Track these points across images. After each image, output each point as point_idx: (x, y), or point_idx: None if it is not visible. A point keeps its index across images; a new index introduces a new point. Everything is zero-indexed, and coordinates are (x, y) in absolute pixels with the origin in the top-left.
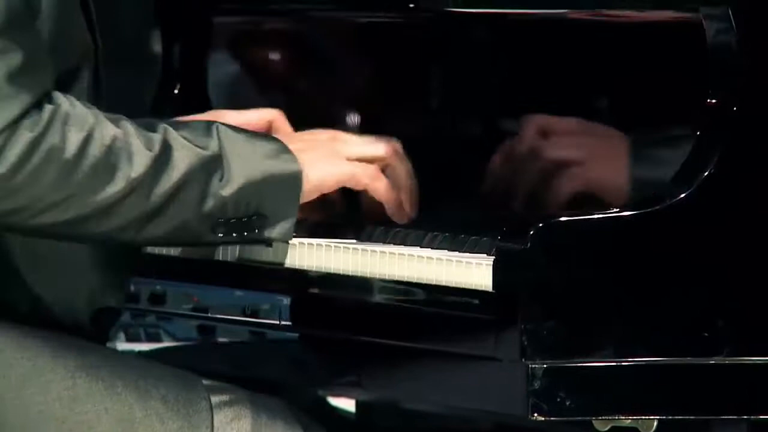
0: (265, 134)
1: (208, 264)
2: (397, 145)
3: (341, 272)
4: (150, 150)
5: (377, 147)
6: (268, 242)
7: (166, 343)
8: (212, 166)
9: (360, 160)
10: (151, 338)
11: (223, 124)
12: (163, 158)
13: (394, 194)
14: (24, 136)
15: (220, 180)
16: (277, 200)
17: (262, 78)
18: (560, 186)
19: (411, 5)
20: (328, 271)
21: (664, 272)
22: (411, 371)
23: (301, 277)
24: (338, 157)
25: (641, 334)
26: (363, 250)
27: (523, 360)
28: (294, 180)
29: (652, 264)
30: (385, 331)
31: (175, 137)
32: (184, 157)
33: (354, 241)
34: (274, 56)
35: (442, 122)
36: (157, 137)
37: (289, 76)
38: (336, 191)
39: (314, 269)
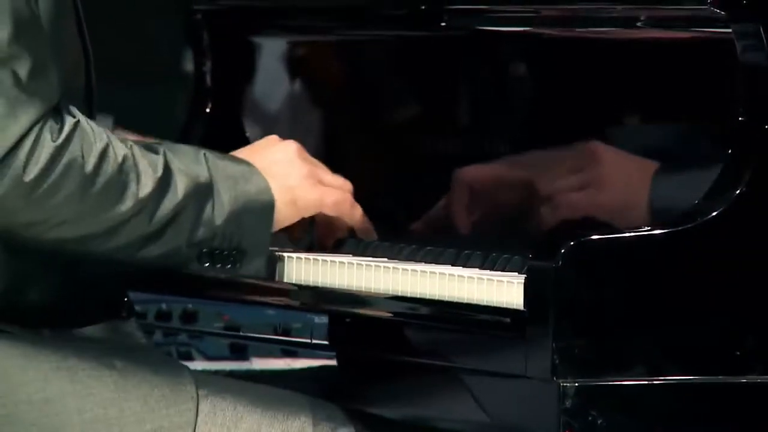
0: (239, 159)
1: (239, 283)
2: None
3: (372, 291)
4: (155, 172)
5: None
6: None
7: (198, 362)
8: (204, 194)
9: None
10: (182, 356)
11: (208, 151)
12: (165, 181)
13: (367, 223)
14: (48, 146)
15: (212, 209)
16: (254, 232)
17: (294, 96)
18: (591, 204)
19: (443, 24)
20: (360, 289)
21: (696, 290)
22: (441, 390)
23: (332, 295)
24: (317, 181)
25: (673, 353)
26: (394, 268)
27: (555, 378)
28: (269, 211)
29: (684, 282)
30: (416, 350)
31: (173, 161)
32: (182, 182)
33: (385, 259)
34: (306, 75)
35: (474, 140)
36: (159, 160)
37: (319, 94)
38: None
39: (345, 287)
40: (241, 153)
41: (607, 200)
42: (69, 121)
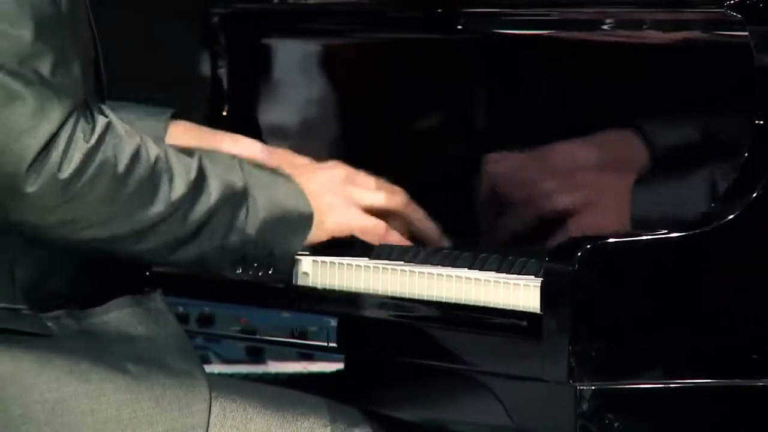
0: (280, 171)
1: (256, 286)
2: (406, 197)
3: (389, 293)
4: (188, 174)
5: (390, 198)
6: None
7: (215, 365)
8: (239, 200)
9: (373, 208)
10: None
11: (244, 159)
12: (198, 184)
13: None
14: (82, 146)
15: (246, 215)
16: (288, 241)
17: (309, 99)
18: (608, 207)
19: (459, 27)
20: (376, 292)
21: (712, 293)
22: (457, 392)
23: (349, 298)
24: (353, 206)
25: (689, 356)
26: (411, 271)
27: (571, 382)
28: (305, 222)
29: (700, 285)
30: (432, 352)
31: (209, 165)
32: (216, 186)
33: (402, 262)
34: (321, 78)
35: (490, 143)
36: (193, 163)
37: (335, 97)
38: None
39: (362, 290)
40: (289, 166)
41: (624, 203)
42: (101, 121)
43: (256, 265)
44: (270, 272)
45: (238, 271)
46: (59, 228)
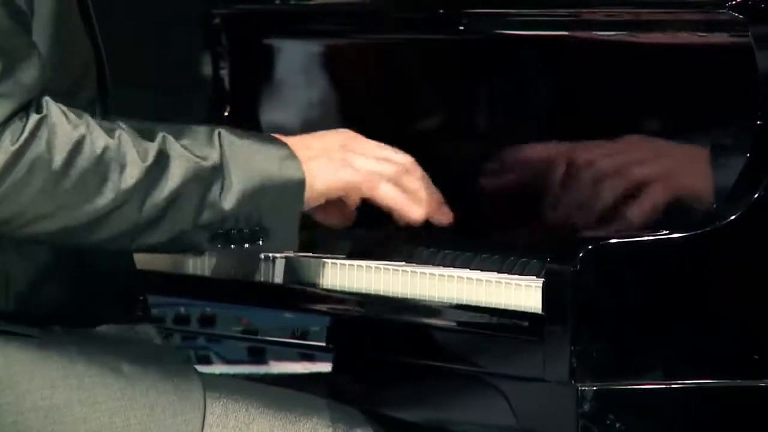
0: (273, 138)
1: (257, 286)
2: (410, 158)
3: (390, 294)
4: (144, 161)
5: (387, 163)
6: (272, 251)
7: (216, 365)
8: (210, 177)
9: (368, 169)
10: (201, 360)
11: (228, 130)
12: (157, 169)
13: (400, 200)
14: (6, 149)
15: (220, 191)
16: (277, 211)
17: (311, 100)
18: (610, 208)
19: (461, 27)
20: (377, 292)
21: (714, 293)
22: (458, 393)
23: (350, 298)
24: (347, 167)
25: (691, 356)
26: (412, 271)
27: (573, 382)
28: (295, 188)
29: (702, 285)
30: (434, 353)
31: (173, 146)
32: (180, 168)
33: (403, 263)
34: (323, 79)
35: (491, 143)
36: (152, 147)
37: (336, 98)
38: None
39: (363, 291)
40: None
41: (626, 204)
42: (33, 119)
43: (242, 238)
44: (261, 243)
45: (218, 246)
46: (5, 225)
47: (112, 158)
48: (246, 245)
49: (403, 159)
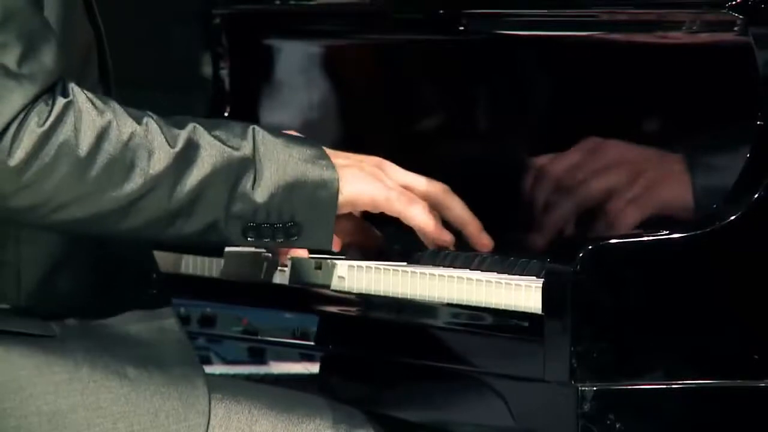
0: (307, 139)
1: (257, 286)
2: (445, 186)
3: (390, 294)
4: (172, 147)
5: (421, 182)
6: (307, 248)
7: (217, 366)
8: (242, 167)
9: (401, 187)
10: (201, 360)
11: (263, 128)
12: (186, 155)
13: (430, 223)
14: (33, 131)
15: (253, 183)
16: (311, 207)
17: (312, 101)
18: (610, 208)
19: (461, 28)
20: (378, 293)
21: (714, 294)
22: (459, 393)
23: (351, 299)
24: (378, 179)
25: (691, 357)
26: (412, 272)
27: (573, 382)
28: (329, 187)
29: (702, 286)
30: (433, 353)
31: (204, 135)
32: (211, 156)
33: (403, 263)
34: (324, 79)
35: (491, 144)
36: (182, 134)
37: (337, 98)
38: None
39: (363, 291)
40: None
41: (626, 204)
42: (60, 103)
43: (275, 233)
44: (296, 240)
45: (250, 239)
46: (30, 212)
47: (140, 144)
48: (279, 240)
49: (438, 187)
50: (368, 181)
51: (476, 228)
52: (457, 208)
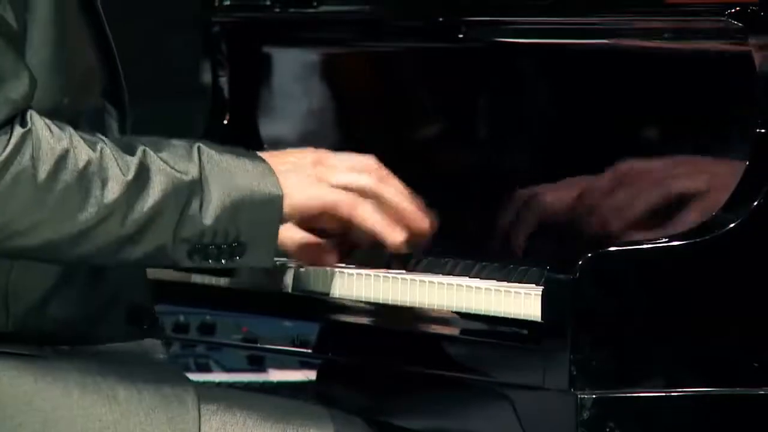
0: (250, 153)
1: (257, 294)
2: (381, 167)
3: (390, 302)
4: (125, 175)
5: (361, 175)
6: (249, 266)
7: (216, 373)
8: (190, 191)
9: (345, 187)
10: (200, 368)
11: (206, 144)
12: (138, 183)
13: (380, 222)
14: None
15: (200, 206)
16: (255, 226)
17: (311, 108)
18: (610, 216)
19: (460, 36)
20: (377, 301)
21: (713, 301)
22: (459, 401)
23: (350, 307)
24: (323, 183)
25: (691, 364)
26: (412, 280)
27: (572, 390)
28: (272, 204)
29: (701, 293)
30: (433, 361)
31: (154, 160)
32: (161, 182)
33: (403, 271)
34: (323, 87)
35: (490, 152)
36: (133, 161)
37: (336, 106)
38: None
39: (363, 299)
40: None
41: (625, 212)
42: (17, 132)
43: (221, 253)
44: (239, 259)
45: (195, 263)
46: None
47: (95, 173)
48: (223, 261)
49: (371, 162)
50: (312, 187)
51: (405, 219)
52: (390, 194)
